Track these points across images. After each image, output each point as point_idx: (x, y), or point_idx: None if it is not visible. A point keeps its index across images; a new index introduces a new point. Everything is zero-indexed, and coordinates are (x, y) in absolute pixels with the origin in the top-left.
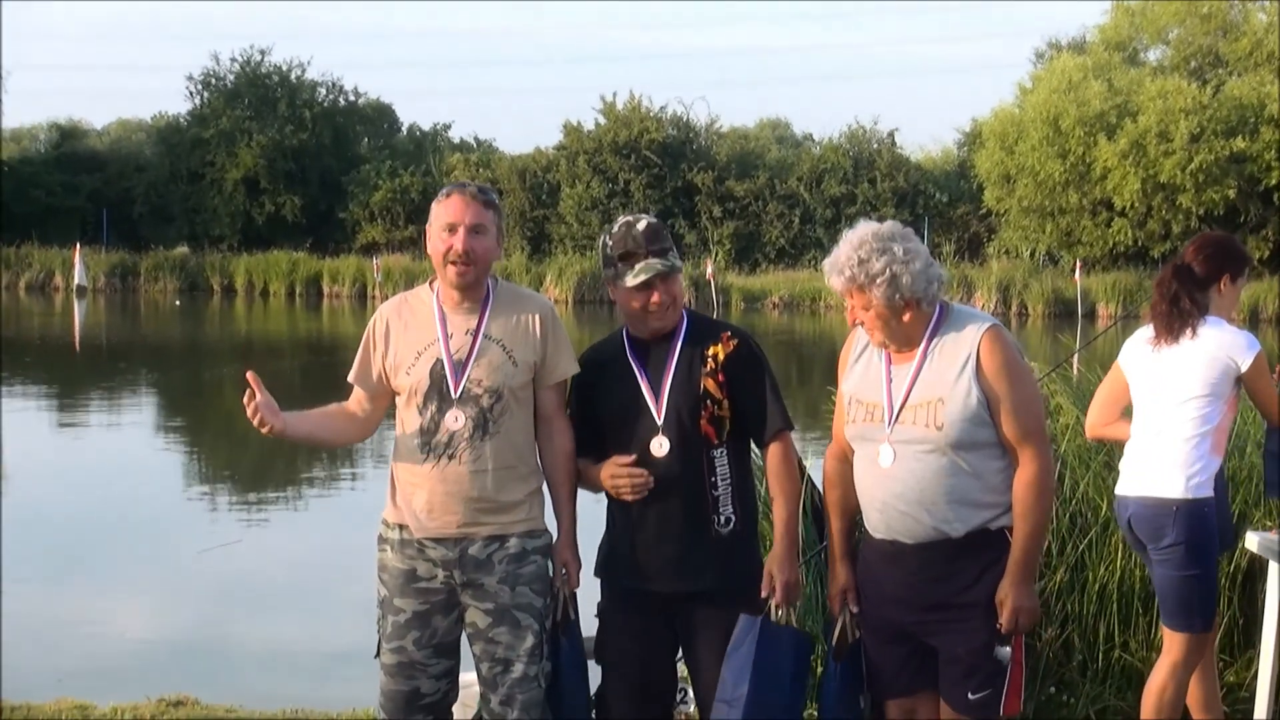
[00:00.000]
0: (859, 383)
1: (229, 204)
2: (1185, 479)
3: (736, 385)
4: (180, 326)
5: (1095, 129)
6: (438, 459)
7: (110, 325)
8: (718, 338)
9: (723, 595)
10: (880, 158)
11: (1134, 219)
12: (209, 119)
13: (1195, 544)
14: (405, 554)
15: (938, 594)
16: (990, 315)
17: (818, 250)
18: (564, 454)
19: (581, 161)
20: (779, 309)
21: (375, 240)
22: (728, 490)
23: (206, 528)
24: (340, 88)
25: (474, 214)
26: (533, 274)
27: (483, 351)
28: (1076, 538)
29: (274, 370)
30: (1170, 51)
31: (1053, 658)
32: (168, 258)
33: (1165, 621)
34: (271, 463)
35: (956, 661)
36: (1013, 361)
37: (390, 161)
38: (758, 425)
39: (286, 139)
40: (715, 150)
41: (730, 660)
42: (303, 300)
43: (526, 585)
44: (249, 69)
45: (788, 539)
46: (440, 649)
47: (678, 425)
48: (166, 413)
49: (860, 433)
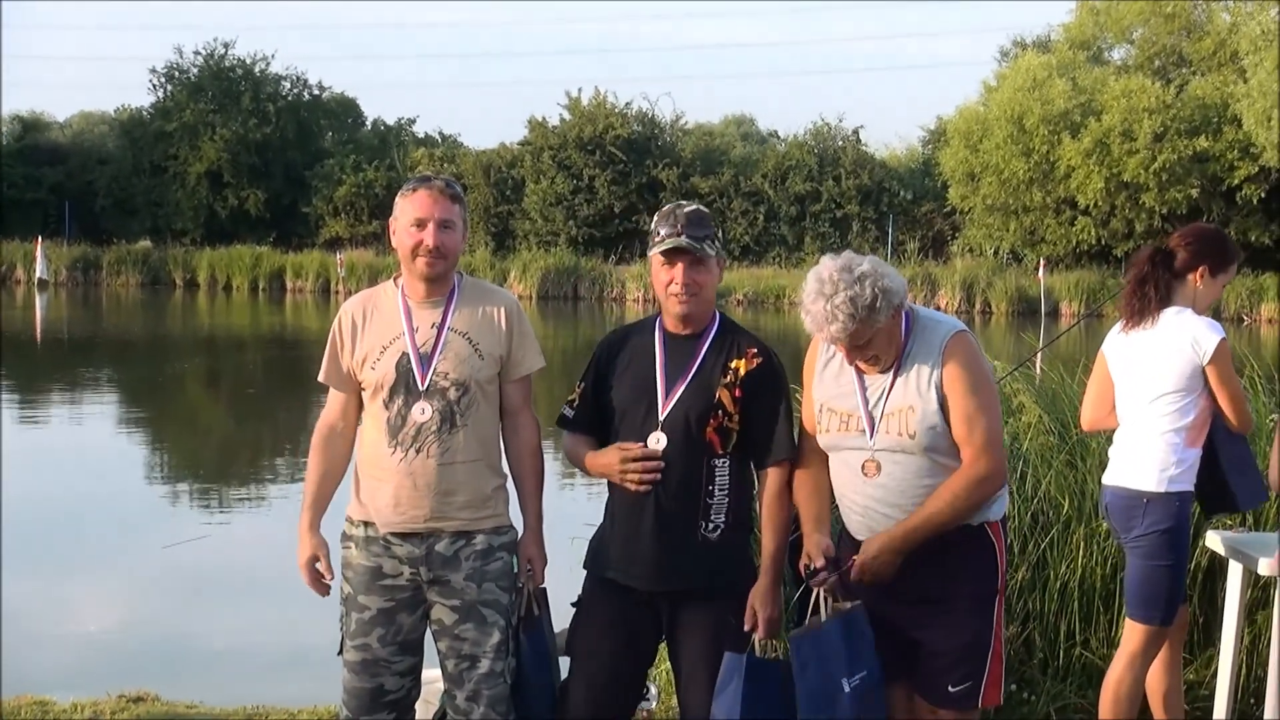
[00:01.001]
0: (830, 391)
1: (192, 198)
2: (1159, 472)
3: (751, 403)
4: (143, 320)
5: (1059, 127)
6: (405, 452)
7: (72, 319)
8: (743, 351)
9: (708, 596)
10: (845, 155)
11: (1097, 218)
12: (172, 112)
13: (1164, 536)
14: (371, 551)
15: (921, 589)
16: (956, 320)
17: (782, 247)
18: (530, 448)
19: (546, 157)
20: (743, 306)
21: (339, 235)
22: (723, 500)
23: (169, 522)
24: (304, 81)
25: (442, 209)
26: (497, 270)
27: (448, 344)
28: (1038, 535)
29: (237, 364)
30: (1134, 51)
31: (1014, 655)
32: (130, 251)
33: (1127, 611)
34: (234, 457)
35: (939, 655)
36: (972, 369)
37: (354, 156)
38: (763, 447)
39: (250, 133)
40: (680, 147)
41: (719, 698)
42: (266, 295)
43: (493, 581)
44: (212, 62)
45: (774, 572)
46: (405, 646)
47: (683, 427)
48: (129, 406)
49: (836, 441)
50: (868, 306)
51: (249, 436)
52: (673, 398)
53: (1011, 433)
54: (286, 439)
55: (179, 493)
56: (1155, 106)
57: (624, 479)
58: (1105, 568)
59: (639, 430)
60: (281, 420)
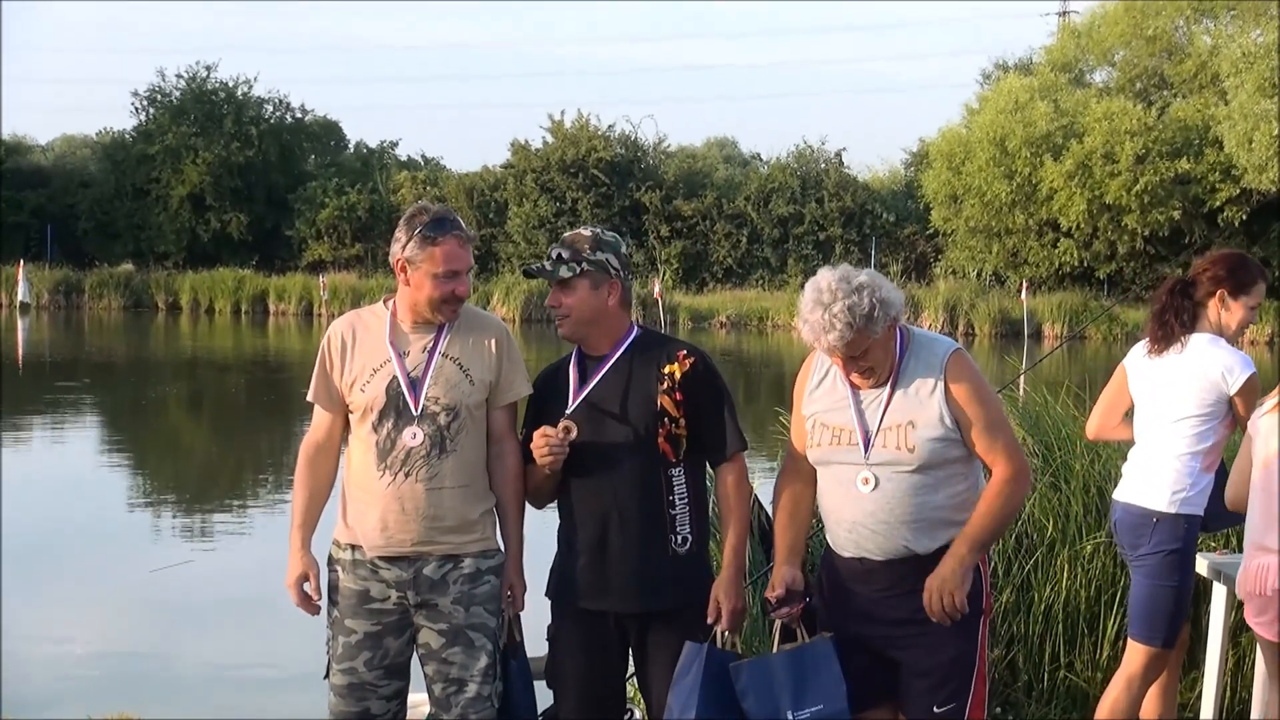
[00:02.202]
0: (823, 405)
1: (174, 221)
2: (1170, 493)
3: (694, 404)
4: (125, 343)
5: (1041, 150)
6: (393, 476)
7: (54, 342)
8: (674, 356)
9: (678, 616)
10: (828, 177)
11: (1080, 239)
12: (154, 135)
13: (1170, 557)
14: (358, 575)
15: (906, 609)
16: (951, 339)
17: (765, 270)
18: (514, 475)
19: (529, 180)
20: (726, 328)
21: (322, 258)
22: (685, 510)
23: (150, 545)
24: (287, 104)
25: (468, 259)
26: (480, 293)
27: (440, 369)
28: (1022, 559)
29: (220, 387)
30: (1116, 73)
31: (999, 678)
32: (112, 274)
33: (1130, 631)
34: (216, 480)
35: (924, 674)
36: (979, 383)
37: (337, 179)
38: (716, 445)
39: (233, 155)
40: (663, 169)
41: (676, 686)
42: (249, 318)
43: (481, 605)
44: (195, 85)
45: (736, 564)
46: (391, 670)
47: (636, 441)
48: (112, 430)
49: (827, 456)
50: (865, 316)
51: (232, 459)
52: (576, 399)
53: None
54: (270, 462)
55: (160, 515)
56: (1137, 129)
57: (539, 457)
58: (1090, 590)
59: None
60: (264, 443)
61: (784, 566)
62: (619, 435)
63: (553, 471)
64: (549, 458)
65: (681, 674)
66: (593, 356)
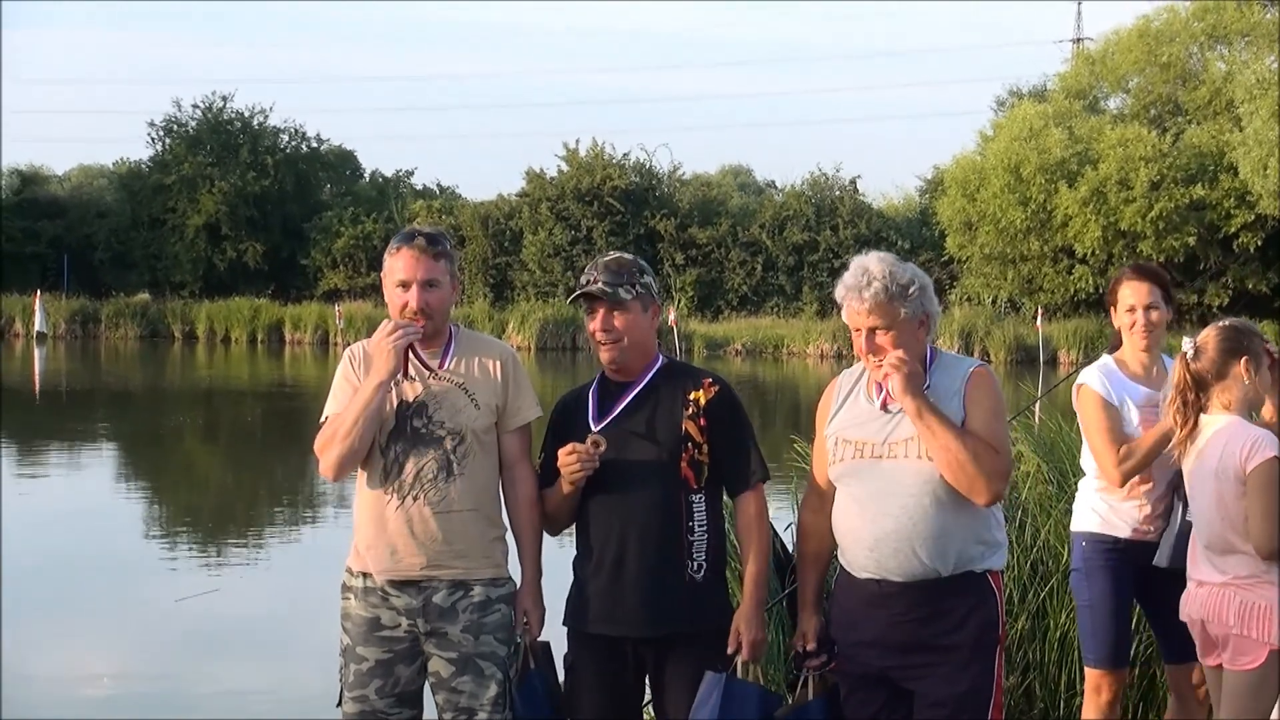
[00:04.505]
0: (845, 421)
1: (190, 250)
2: (1075, 514)
3: (717, 431)
4: (142, 372)
5: (1056, 176)
6: (401, 500)
7: (71, 372)
8: (699, 383)
9: (693, 643)
10: (842, 205)
11: (1095, 266)
12: (171, 165)
13: (1074, 575)
14: (369, 602)
15: (922, 636)
16: (977, 359)
17: (780, 297)
18: (527, 501)
19: (544, 208)
20: (741, 355)
21: (337, 287)
22: (703, 538)
23: (167, 574)
24: (302, 134)
25: (425, 269)
26: (495, 321)
27: (445, 394)
28: (1038, 585)
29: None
30: (1130, 100)
31: (1014, 706)
32: (129, 304)
33: None
34: (231, 509)
35: (940, 704)
36: (994, 402)
37: (352, 208)
38: (738, 473)
39: (248, 185)
40: (678, 197)
41: (695, 716)
42: (264, 347)
43: (490, 634)
44: (211, 115)
45: (757, 595)
46: (403, 698)
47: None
48: (128, 459)
49: (848, 470)
50: (902, 285)
51: (248, 488)
52: (605, 419)
53: (1010, 481)
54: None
55: (176, 544)
56: (1151, 155)
57: (570, 473)
58: None
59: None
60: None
61: (813, 617)
62: (643, 457)
63: (574, 490)
64: (579, 472)
65: (701, 704)
66: (619, 382)
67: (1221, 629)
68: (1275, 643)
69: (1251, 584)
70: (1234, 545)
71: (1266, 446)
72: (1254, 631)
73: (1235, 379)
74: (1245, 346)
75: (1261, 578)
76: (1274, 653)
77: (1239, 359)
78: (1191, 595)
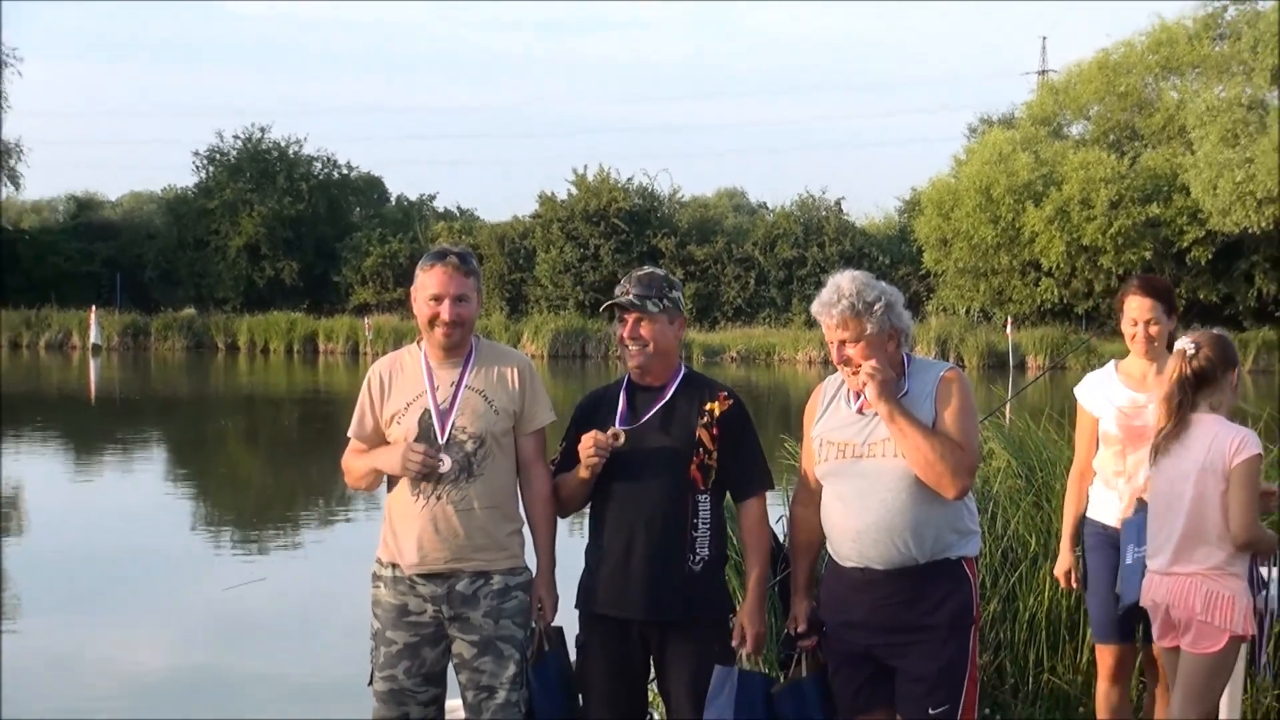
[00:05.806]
0: (829, 424)
1: (232, 269)
2: None
3: (728, 440)
4: (188, 381)
5: (1023, 197)
6: (427, 499)
7: (123, 380)
8: (715, 396)
9: (693, 628)
10: (828, 224)
11: (1060, 278)
12: (214, 191)
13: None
14: (397, 590)
15: (904, 617)
16: (949, 363)
17: (771, 308)
18: (542, 498)
19: (555, 228)
20: (736, 362)
21: (367, 301)
22: (706, 534)
23: (214, 565)
24: (334, 162)
25: (457, 285)
26: (511, 332)
27: (465, 401)
28: (1008, 571)
29: (273, 420)
30: (1091, 126)
31: (987, 681)
32: (176, 318)
33: None
34: (270, 506)
35: (920, 680)
36: (963, 403)
37: (380, 229)
38: (743, 480)
39: (285, 209)
40: (677, 218)
41: (710, 707)
42: (300, 356)
43: (509, 619)
44: (250, 145)
45: (759, 593)
46: (428, 678)
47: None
48: (176, 460)
49: (832, 469)
50: (868, 303)
51: (286, 486)
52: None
53: (982, 476)
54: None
55: (219, 539)
56: (1111, 177)
57: (588, 459)
58: (1070, 600)
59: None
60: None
61: (804, 602)
62: (658, 456)
63: (590, 476)
64: (595, 458)
65: (714, 695)
66: (644, 386)
67: (1187, 614)
68: (1237, 629)
69: (1217, 575)
70: (1207, 537)
71: (1251, 444)
72: (1217, 619)
73: (1226, 385)
74: (1235, 358)
75: (1226, 570)
76: (1233, 639)
77: (1232, 369)
78: (1156, 582)
